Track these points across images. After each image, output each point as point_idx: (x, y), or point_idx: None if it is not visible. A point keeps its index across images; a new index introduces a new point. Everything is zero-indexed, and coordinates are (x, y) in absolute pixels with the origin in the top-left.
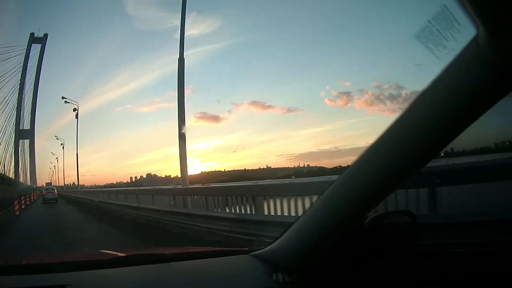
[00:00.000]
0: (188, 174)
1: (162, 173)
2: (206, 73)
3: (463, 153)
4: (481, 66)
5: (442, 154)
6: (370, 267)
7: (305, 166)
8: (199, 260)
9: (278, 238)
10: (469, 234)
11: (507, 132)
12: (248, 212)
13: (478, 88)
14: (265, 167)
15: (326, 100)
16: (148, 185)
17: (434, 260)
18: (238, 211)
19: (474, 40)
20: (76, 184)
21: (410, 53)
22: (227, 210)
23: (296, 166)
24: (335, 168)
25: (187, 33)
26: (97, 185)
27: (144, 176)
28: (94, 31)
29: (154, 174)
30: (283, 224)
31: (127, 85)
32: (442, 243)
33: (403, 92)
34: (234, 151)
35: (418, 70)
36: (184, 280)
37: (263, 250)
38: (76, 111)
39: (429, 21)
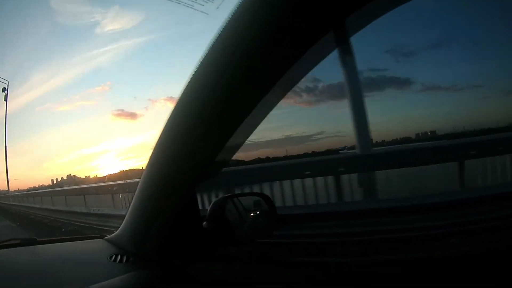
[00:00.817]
0: (109, 172)
1: (82, 174)
2: (125, 69)
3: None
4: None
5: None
6: (211, 256)
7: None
8: (61, 243)
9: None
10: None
11: None
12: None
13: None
14: None
15: None
16: (69, 186)
17: (289, 249)
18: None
19: None
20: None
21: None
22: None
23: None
24: (253, 160)
25: (107, 27)
26: (20, 190)
27: (65, 178)
28: (10, 28)
29: (74, 175)
30: None
31: (46, 83)
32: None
33: (320, 85)
34: (151, 149)
35: (335, 64)
36: (44, 257)
37: (113, 234)
38: (6, 91)
39: None
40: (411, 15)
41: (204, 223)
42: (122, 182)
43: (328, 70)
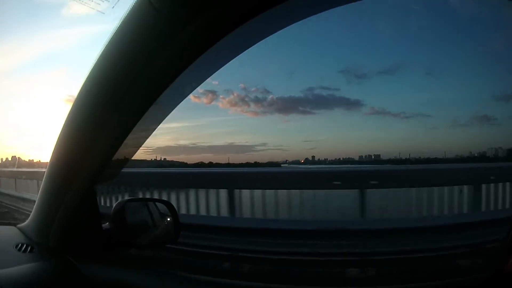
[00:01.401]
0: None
1: (27, 157)
2: (84, 56)
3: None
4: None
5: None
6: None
7: (162, 159)
8: None
9: None
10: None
11: None
12: None
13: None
14: (123, 158)
15: (191, 96)
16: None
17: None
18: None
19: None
20: None
21: (283, 60)
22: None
23: (153, 159)
24: (195, 163)
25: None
26: None
27: (9, 159)
28: None
29: (18, 157)
30: None
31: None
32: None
33: (269, 97)
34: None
35: (290, 78)
36: None
37: (24, 223)
38: None
39: None
40: (370, 38)
41: (106, 223)
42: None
43: (279, 83)
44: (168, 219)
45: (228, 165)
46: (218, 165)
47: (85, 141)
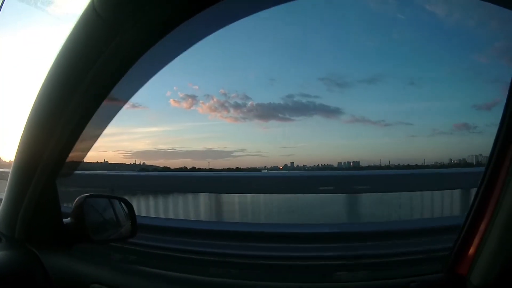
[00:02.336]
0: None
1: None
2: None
3: None
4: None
5: None
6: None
7: (141, 163)
8: None
9: None
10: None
11: None
12: None
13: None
14: (103, 161)
15: (171, 101)
16: None
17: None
18: None
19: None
20: None
21: (264, 67)
22: None
23: (132, 163)
24: (177, 168)
25: None
26: None
27: None
28: None
29: None
30: None
31: None
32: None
33: (249, 103)
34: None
35: (270, 84)
36: None
37: None
38: None
39: None
40: (352, 47)
41: (68, 218)
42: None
43: (260, 89)
44: (119, 216)
45: (208, 170)
46: (197, 170)
47: (42, 138)
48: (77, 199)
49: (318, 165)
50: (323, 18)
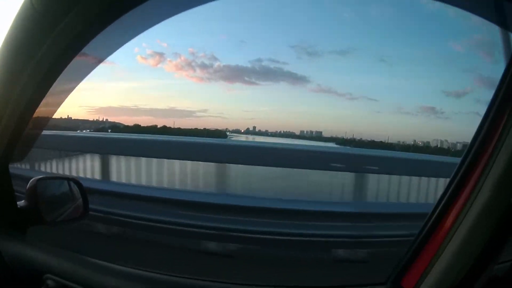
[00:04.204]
0: None
1: None
2: None
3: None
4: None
5: None
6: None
7: (104, 120)
8: None
9: None
10: None
11: None
12: None
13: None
14: (66, 117)
15: (139, 57)
16: None
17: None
18: None
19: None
20: None
21: (234, 28)
22: None
23: (95, 119)
24: (134, 126)
25: None
26: None
27: None
28: None
29: None
30: None
31: None
32: None
33: (216, 64)
34: None
35: (239, 46)
36: None
37: None
38: None
39: None
40: (327, 17)
41: (21, 201)
42: None
43: (228, 50)
44: (71, 195)
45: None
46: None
47: None
48: (30, 181)
49: (280, 131)
50: None
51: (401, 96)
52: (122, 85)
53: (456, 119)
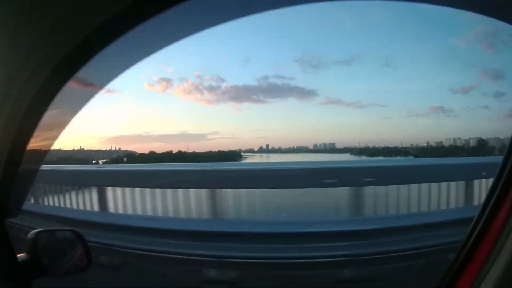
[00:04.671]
0: None
1: None
2: None
3: None
4: None
5: None
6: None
7: (117, 149)
8: None
9: None
10: None
11: None
12: None
13: None
14: (79, 148)
15: (146, 84)
16: None
17: None
18: None
19: None
20: None
21: (238, 48)
22: None
23: (107, 149)
24: (148, 153)
25: None
26: None
27: None
28: None
29: None
30: None
31: None
32: None
33: (223, 85)
34: (51, 129)
35: (245, 66)
36: None
37: None
38: None
39: None
40: (328, 28)
41: (22, 255)
42: None
43: (234, 71)
44: (72, 247)
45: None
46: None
47: None
48: (29, 234)
49: (294, 146)
50: None
51: (409, 99)
52: (132, 113)
53: (465, 116)
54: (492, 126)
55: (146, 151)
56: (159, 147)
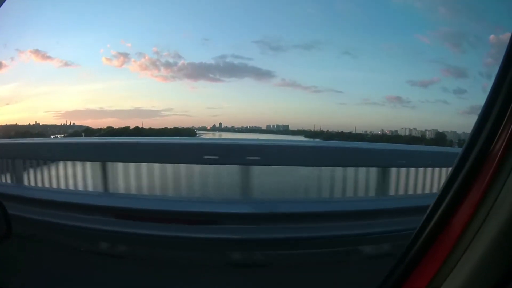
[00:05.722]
0: None
1: None
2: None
3: None
4: None
5: None
6: None
7: (71, 124)
8: None
9: None
10: None
11: None
12: None
13: None
14: (34, 123)
15: (103, 58)
16: None
17: None
18: None
19: None
20: None
21: (198, 26)
22: None
23: (62, 124)
24: (98, 129)
25: None
26: None
27: None
28: None
29: None
30: None
31: None
32: None
33: (180, 62)
34: (7, 104)
35: (203, 44)
36: None
37: None
38: None
39: None
40: (290, 11)
41: None
42: None
43: (192, 48)
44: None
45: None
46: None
47: None
48: None
49: (247, 126)
50: None
51: (366, 88)
52: (88, 88)
53: (423, 108)
54: (450, 121)
55: (101, 126)
56: (112, 122)
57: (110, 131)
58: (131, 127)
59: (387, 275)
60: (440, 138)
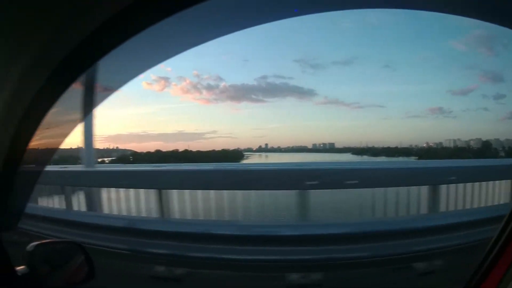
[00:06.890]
0: None
1: None
2: None
3: None
4: None
5: None
6: None
7: (115, 148)
8: None
9: None
10: None
11: None
12: None
13: None
14: (76, 147)
15: (143, 83)
16: None
17: None
18: None
19: None
20: None
21: (238, 48)
22: None
23: (105, 148)
24: (147, 152)
25: None
26: None
27: None
28: None
29: None
30: None
31: None
32: None
33: (222, 84)
34: (47, 128)
35: (244, 65)
36: None
37: None
38: None
39: None
40: (328, 28)
41: (21, 268)
42: None
43: (233, 70)
44: (74, 259)
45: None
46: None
47: None
48: (28, 247)
49: (292, 146)
50: None
51: (408, 100)
52: (128, 112)
53: (465, 117)
54: (492, 128)
55: (144, 150)
56: (157, 146)
57: (160, 155)
58: (179, 150)
59: (470, 277)
60: (485, 147)
